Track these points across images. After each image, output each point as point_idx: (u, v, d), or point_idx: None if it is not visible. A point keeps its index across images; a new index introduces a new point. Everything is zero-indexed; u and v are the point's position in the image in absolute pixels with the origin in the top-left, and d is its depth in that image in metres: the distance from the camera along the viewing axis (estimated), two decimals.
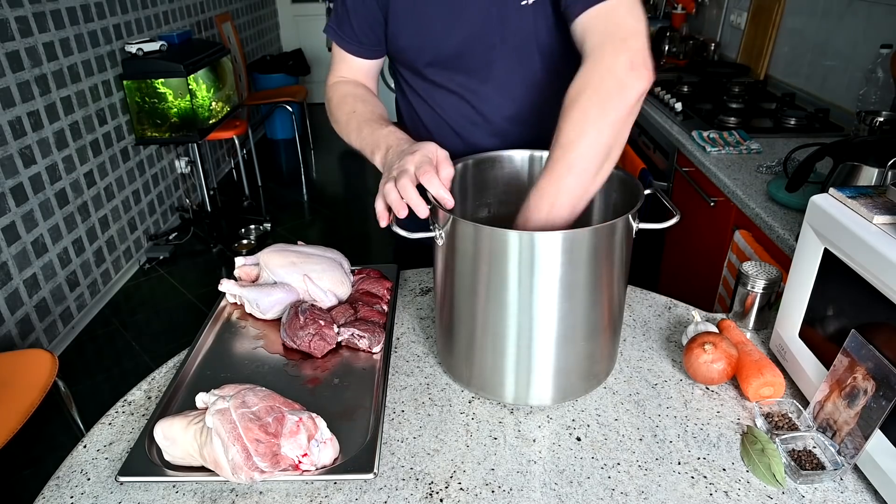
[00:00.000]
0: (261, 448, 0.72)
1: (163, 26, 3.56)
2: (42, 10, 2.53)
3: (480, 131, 1.12)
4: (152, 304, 2.97)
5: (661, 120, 2.20)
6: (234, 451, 0.72)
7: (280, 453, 0.74)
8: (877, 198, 0.78)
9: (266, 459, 0.73)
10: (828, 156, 1.26)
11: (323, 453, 0.76)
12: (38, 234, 2.50)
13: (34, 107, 2.48)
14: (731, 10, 2.94)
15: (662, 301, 1.11)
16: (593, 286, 0.80)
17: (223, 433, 0.72)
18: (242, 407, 0.74)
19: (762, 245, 1.47)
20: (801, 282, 0.87)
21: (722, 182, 1.66)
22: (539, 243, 0.75)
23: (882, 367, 0.70)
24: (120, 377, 2.48)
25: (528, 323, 0.80)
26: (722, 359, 0.87)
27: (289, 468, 0.74)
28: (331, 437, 0.77)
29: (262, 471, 0.73)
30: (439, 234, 0.81)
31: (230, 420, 0.73)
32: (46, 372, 1.62)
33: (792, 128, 2.00)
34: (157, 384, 0.94)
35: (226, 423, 0.73)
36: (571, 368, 0.85)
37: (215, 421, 0.73)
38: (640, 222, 0.81)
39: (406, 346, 1.01)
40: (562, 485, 0.75)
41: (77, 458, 0.81)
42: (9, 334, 2.31)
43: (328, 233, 3.74)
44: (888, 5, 1.88)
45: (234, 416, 0.73)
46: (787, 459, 0.76)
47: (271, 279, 1.07)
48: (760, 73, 2.58)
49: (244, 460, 0.72)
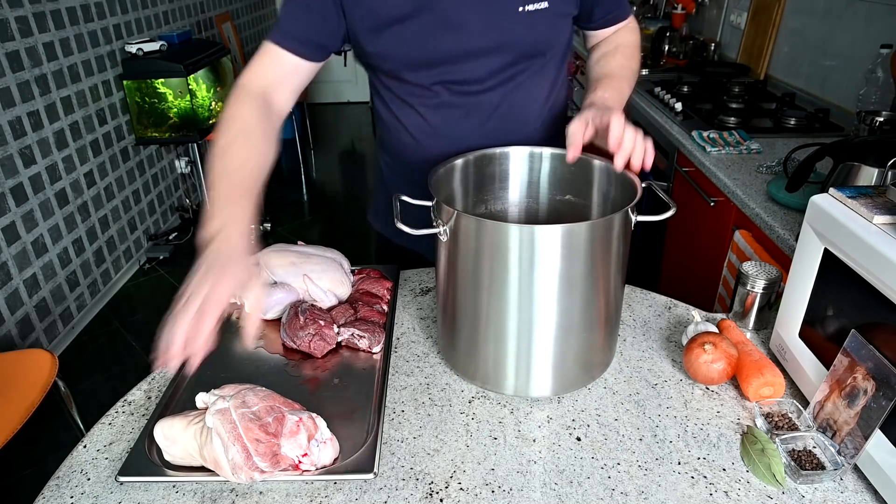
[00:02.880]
0: (261, 448, 0.72)
1: (163, 26, 3.56)
2: (42, 10, 2.53)
3: (471, 134, 1.10)
4: (152, 304, 2.97)
5: (661, 120, 2.20)
6: (235, 451, 0.72)
7: (280, 453, 0.73)
8: (877, 198, 0.78)
9: (266, 459, 0.73)
10: (828, 156, 1.26)
11: (323, 453, 0.76)
12: (38, 234, 2.50)
13: (34, 107, 2.48)
14: (731, 10, 2.94)
15: (662, 301, 1.11)
16: (592, 279, 0.81)
17: (223, 433, 0.72)
18: (242, 407, 0.74)
19: (762, 245, 1.47)
20: (801, 282, 0.87)
21: (722, 182, 1.66)
22: (539, 237, 0.76)
23: (882, 367, 0.70)
24: (120, 377, 2.48)
25: (528, 315, 0.82)
26: (722, 359, 0.87)
27: (289, 468, 0.74)
28: (331, 437, 0.77)
29: (262, 471, 0.73)
30: (443, 230, 0.82)
31: (230, 420, 0.73)
32: (46, 372, 1.62)
33: (792, 128, 2.00)
34: (157, 384, 0.94)
35: (226, 423, 0.73)
36: (571, 360, 0.86)
37: (215, 421, 0.73)
38: (638, 215, 0.83)
39: (406, 346, 1.01)
40: (562, 485, 0.75)
41: (77, 458, 0.81)
42: (9, 334, 2.31)
43: (328, 233, 3.74)
44: (888, 5, 1.88)
45: (235, 416, 0.73)
46: (787, 459, 0.76)
47: (271, 279, 1.07)
48: (760, 73, 2.58)
49: (244, 460, 0.72)
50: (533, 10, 0.99)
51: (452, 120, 1.09)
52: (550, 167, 1.01)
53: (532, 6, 0.99)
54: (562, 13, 1.04)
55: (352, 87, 6.28)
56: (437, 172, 0.91)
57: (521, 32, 1.01)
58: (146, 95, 3.03)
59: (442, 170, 0.94)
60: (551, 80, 1.13)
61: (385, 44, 1.01)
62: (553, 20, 1.02)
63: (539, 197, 1.04)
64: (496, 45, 1.01)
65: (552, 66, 1.11)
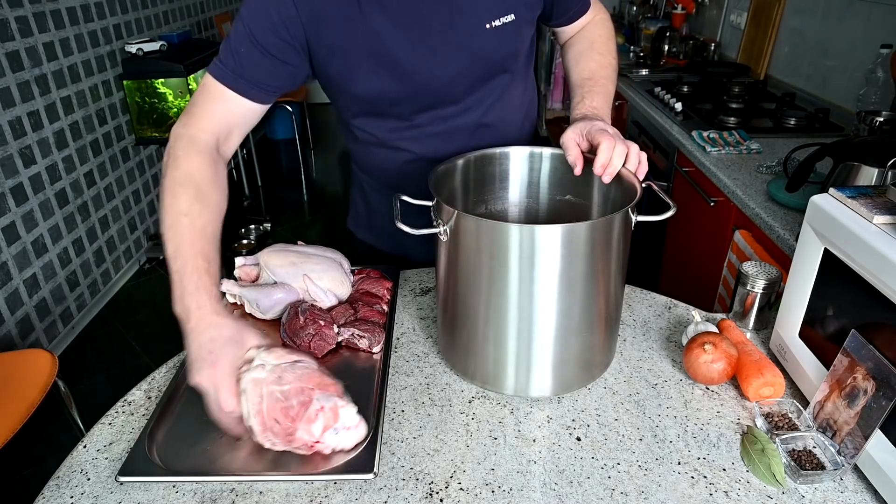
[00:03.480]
0: (276, 428, 0.75)
1: (163, 26, 3.56)
2: (42, 10, 2.52)
3: (457, 148, 1.07)
4: (152, 304, 2.97)
5: (661, 120, 2.20)
6: (254, 422, 0.76)
7: (295, 435, 0.76)
8: (877, 198, 0.78)
9: (279, 438, 0.76)
10: (828, 156, 1.26)
11: (343, 438, 0.78)
12: (38, 234, 2.50)
13: (34, 107, 2.48)
14: (731, 10, 2.94)
15: (662, 301, 1.11)
16: (592, 279, 0.81)
17: (249, 402, 0.75)
18: (275, 384, 0.76)
19: (762, 245, 1.47)
20: (801, 282, 0.87)
21: (722, 182, 1.66)
22: (539, 237, 0.77)
23: (882, 367, 0.70)
24: (120, 377, 2.48)
25: (528, 315, 0.82)
26: (722, 359, 0.87)
27: (302, 447, 0.77)
28: (357, 422, 0.79)
29: (274, 444, 0.77)
30: (443, 229, 0.82)
31: (259, 394, 0.75)
32: (46, 372, 1.62)
33: (792, 128, 2.00)
34: (157, 384, 0.94)
35: (254, 394, 0.75)
36: (571, 359, 0.86)
37: (248, 386, 0.76)
38: (638, 215, 0.83)
39: (406, 346, 1.01)
40: (562, 485, 0.75)
41: (77, 458, 0.81)
42: (9, 334, 2.31)
43: (328, 233, 3.74)
44: (888, 5, 1.88)
45: (264, 392, 0.75)
46: (787, 459, 0.76)
47: (271, 279, 1.07)
48: (760, 73, 2.58)
49: (260, 432, 0.76)
50: (500, 24, 0.97)
51: (434, 147, 1.08)
52: (550, 167, 1.01)
53: (499, 21, 0.97)
54: (527, 19, 1.03)
55: None
56: (437, 172, 0.91)
57: (491, 49, 1.00)
58: (146, 95, 3.03)
59: (442, 169, 0.94)
60: (522, 87, 1.14)
61: (357, 77, 0.97)
62: (519, 29, 1.01)
63: (539, 197, 1.04)
64: (469, 63, 1.00)
65: (522, 72, 1.12)
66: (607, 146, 0.84)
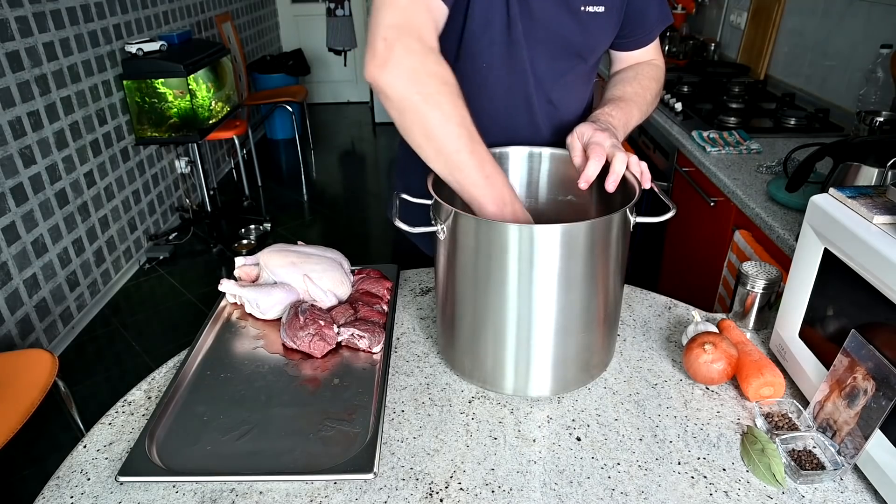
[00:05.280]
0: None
1: (163, 26, 3.56)
2: (42, 10, 2.53)
3: (522, 128, 1.11)
4: (152, 304, 2.97)
5: (661, 120, 2.20)
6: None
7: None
8: (877, 198, 0.78)
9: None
10: (828, 156, 1.26)
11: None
12: (38, 234, 2.50)
13: (34, 107, 2.48)
14: (731, 10, 2.94)
15: (662, 301, 1.11)
16: (591, 279, 0.81)
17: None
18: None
19: (762, 245, 1.47)
20: (801, 282, 0.87)
21: (722, 182, 1.66)
22: (538, 237, 0.77)
23: (882, 367, 0.70)
24: (120, 377, 2.48)
25: (527, 314, 0.82)
26: (722, 359, 0.87)
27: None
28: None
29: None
30: (441, 228, 0.82)
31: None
32: (46, 372, 1.62)
33: (792, 128, 2.00)
34: (157, 384, 0.94)
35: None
36: (570, 360, 0.86)
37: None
38: (637, 216, 0.83)
39: (406, 346, 1.01)
40: (562, 485, 0.75)
41: (77, 458, 0.81)
42: (9, 334, 2.31)
43: (328, 233, 3.74)
44: (888, 5, 1.88)
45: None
46: (787, 459, 0.76)
47: (271, 279, 1.07)
48: (760, 73, 2.58)
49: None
50: (592, 11, 1.02)
51: (511, 107, 1.09)
52: (550, 167, 1.01)
53: (591, 8, 1.02)
54: (614, 22, 1.07)
55: (352, 87, 6.29)
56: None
57: (577, 31, 1.03)
58: (146, 95, 3.03)
59: None
60: (589, 86, 1.16)
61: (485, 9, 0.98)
62: (605, 26, 1.06)
63: (539, 197, 1.04)
64: (554, 37, 1.03)
65: (590, 73, 1.15)
66: (620, 162, 0.84)
